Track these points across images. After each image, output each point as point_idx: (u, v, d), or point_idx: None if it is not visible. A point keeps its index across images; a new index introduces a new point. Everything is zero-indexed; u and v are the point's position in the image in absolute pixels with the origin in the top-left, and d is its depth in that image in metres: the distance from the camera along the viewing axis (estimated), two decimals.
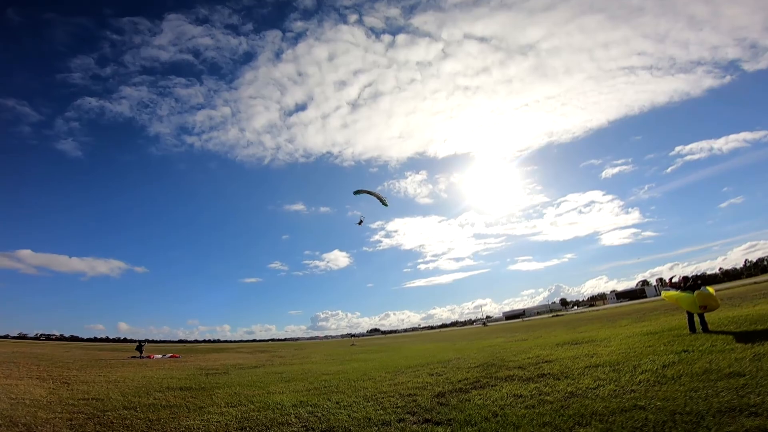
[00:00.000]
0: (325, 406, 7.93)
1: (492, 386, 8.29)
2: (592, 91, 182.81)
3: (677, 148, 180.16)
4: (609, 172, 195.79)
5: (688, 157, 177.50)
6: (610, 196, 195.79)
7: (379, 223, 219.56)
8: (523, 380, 8.50)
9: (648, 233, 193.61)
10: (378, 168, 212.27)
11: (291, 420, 6.81)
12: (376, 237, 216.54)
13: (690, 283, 12.27)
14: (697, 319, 11.80)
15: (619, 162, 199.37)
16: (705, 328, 11.43)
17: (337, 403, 8.19)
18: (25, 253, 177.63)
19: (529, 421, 5.33)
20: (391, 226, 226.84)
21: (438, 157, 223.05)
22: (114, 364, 21.53)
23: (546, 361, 10.83)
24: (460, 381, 9.52)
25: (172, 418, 7.24)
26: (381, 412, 6.99)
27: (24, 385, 10.98)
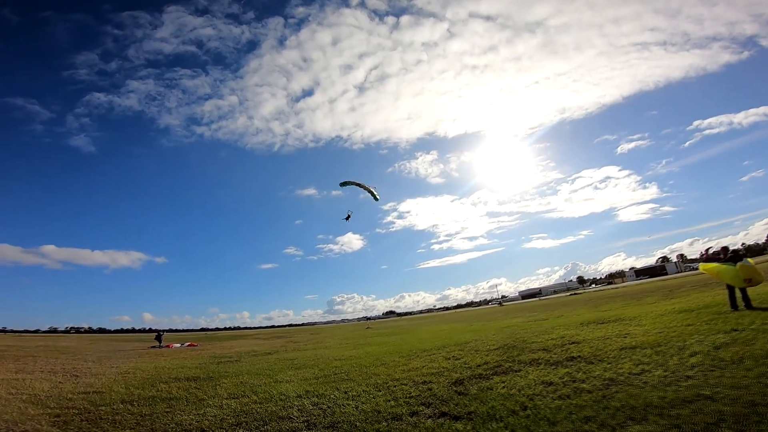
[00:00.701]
0: (331, 396, 7.22)
1: (516, 372, 7.46)
2: (604, 67, 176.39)
3: (695, 123, 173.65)
4: (625, 147, 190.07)
5: (707, 131, 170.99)
6: (626, 172, 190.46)
7: (391, 204, 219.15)
8: (551, 364, 7.64)
9: (666, 208, 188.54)
10: (388, 150, 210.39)
11: (293, 414, 6.10)
12: (389, 218, 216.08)
13: (731, 255, 11.14)
14: (738, 294, 10.67)
15: (635, 137, 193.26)
16: (748, 305, 10.31)
17: (345, 392, 7.48)
18: (50, 248, 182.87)
19: (566, 415, 4.48)
20: (403, 206, 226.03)
21: (448, 137, 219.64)
22: (132, 354, 21.47)
23: (573, 343, 9.93)
24: (479, 366, 8.72)
25: (167, 412, 6.63)
26: (392, 403, 6.23)
27: (32, 379, 10.63)
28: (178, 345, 30.61)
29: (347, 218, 23.00)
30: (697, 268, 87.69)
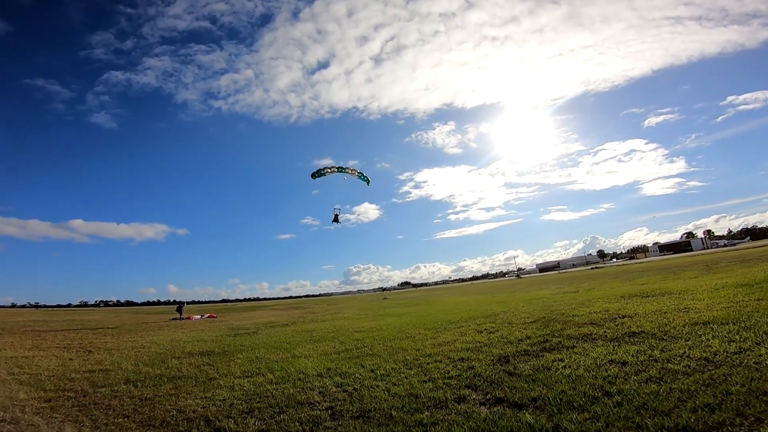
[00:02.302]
0: (356, 375, 6.34)
1: (569, 348, 6.42)
2: (633, 40, 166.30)
3: (729, 98, 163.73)
4: (652, 120, 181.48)
5: (742, 107, 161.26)
6: (653, 145, 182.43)
7: (407, 174, 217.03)
8: (610, 340, 6.57)
9: (694, 183, 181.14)
10: (404, 120, 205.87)
11: (314, 397, 5.23)
12: (405, 188, 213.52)
13: None
14: None
15: (664, 110, 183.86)
16: None
17: (372, 370, 6.60)
18: (77, 222, 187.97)
19: (676, 403, 3.42)
20: (420, 176, 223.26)
21: (466, 108, 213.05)
22: (152, 327, 21.32)
23: (624, 316, 8.82)
24: (520, 341, 7.73)
25: (171, 395, 5.85)
26: (429, 385, 5.29)
27: (42, 356, 10.17)
28: (198, 317, 30.77)
29: (335, 219, 18.89)
30: (724, 245, 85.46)
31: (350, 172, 17.96)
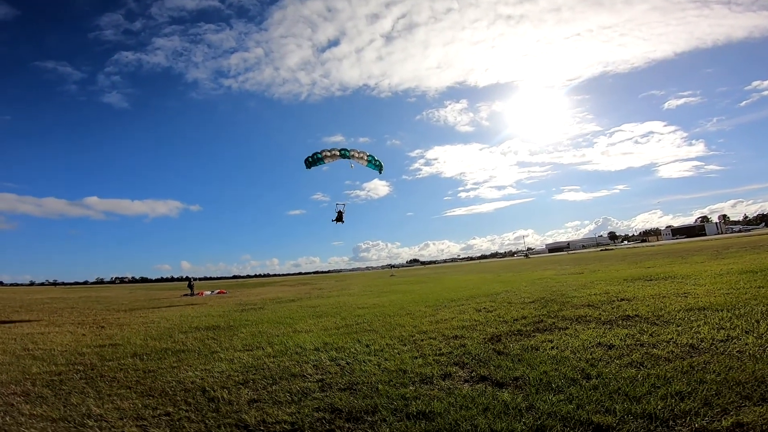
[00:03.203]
0: (352, 350, 6.55)
1: (562, 329, 6.51)
2: (657, 22, 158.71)
3: (754, 83, 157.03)
4: (673, 103, 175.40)
5: (767, 92, 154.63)
6: (672, 128, 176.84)
7: (418, 151, 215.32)
8: (603, 323, 6.64)
9: (712, 167, 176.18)
10: (416, 98, 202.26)
11: (307, 370, 5.44)
12: (416, 165, 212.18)
13: None
14: None
15: (686, 93, 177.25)
16: None
17: (367, 346, 6.79)
18: (93, 200, 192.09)
19: (649, 388, 3.50)
20: (430, 154, 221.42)
21: (479, 86, 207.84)
22: (164, 303, 22.01)
23: (623, 299, 8.85)
24: (516, 320, 7.84)
25: (174, 367, 6.12)
26: (419, 361, 5.45)
27: (57, 332, 10.61)
28: (209, 292, 31.69)
29: (338, 219, 16.01)
30: (739, 231, 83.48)
31: (357, 156, 14.36)
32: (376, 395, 4.20)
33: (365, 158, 14.80)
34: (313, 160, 14.34)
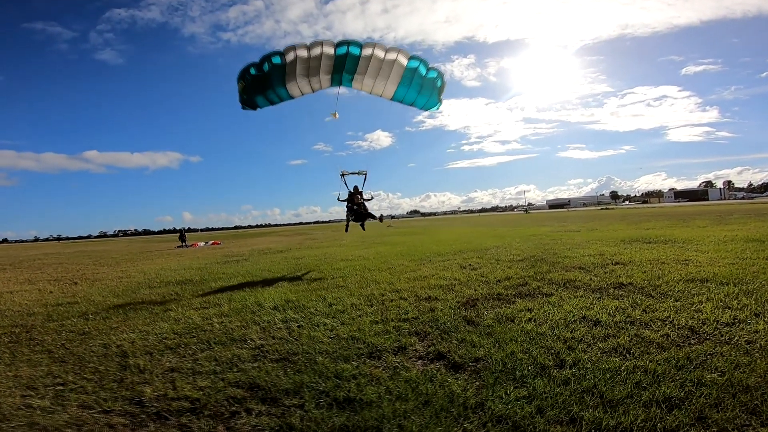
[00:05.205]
0: (312, 310, 5.95)
1: (546, 296, 5.83)
2: None
3: None
4: (691, 69, 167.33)
5: None
6: (686, 93, 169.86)
7: None
8: (592, 290, 5.94)
9: (723, 133, 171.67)
10: (422, 52, 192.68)
11: (250, 334, 4.82)
12: (419, 117, 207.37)
13: None
14: None
15: (706, 61, 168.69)
16: None
17: (330, 305, 6.19)
18: (92, 153, 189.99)
19: (631, 390, 2.73)
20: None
21: (488, 42, 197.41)
22: (154, 255, 21.59)
23: (618, 263, 8.14)
24: (499, 281, 7.18)
25: (113, 329, 5.49)
26: (379, 327, 4.81)
27: (28, 290, 10.07)
28: (202, 244, 31.41)
29: (351, 199, 10.80)
30: (742, 197, 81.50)
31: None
32: (309, 371, 3.56)
33: (398, 79, 8.15)
34: (255, 84, 8.13)
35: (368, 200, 11.04)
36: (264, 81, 8.02)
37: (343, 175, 10.49)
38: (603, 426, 2.32)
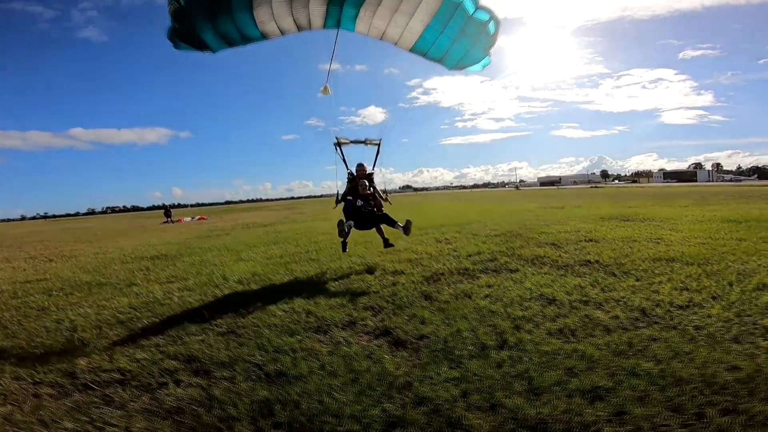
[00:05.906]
0: (275, 283, 5.90)
1: (511, 271, 5.78)
2: None
3: None
4: (689, 53, 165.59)
5: None
6: (683, 77, 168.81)
7: (416, 80, 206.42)
8: (558, 268, 5.89)
9: (716, 117, 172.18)
10: None
11: (204, 309, 4.71)
12: (414, 94, 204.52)
13: None
14: None
15: (705, 46, 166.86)
16: None
17: (296, 279, 6.13)
18: (77, 131, 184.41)
19: (560, 377, 2.64)
20: (429, 83, 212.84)
21: None
22: (136, 232, 21.30)
23: (590, 240, 8.11)
24: (469, 256, 7.13)
25: (73, 304, 5.37)
26: (334, 301, 4.72)
27: (2, 268, 9.89)
28: (189, 219, 31.06)
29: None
30: (730, 180, 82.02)
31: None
32: (251, 344, 3.48)
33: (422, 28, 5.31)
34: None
35: (384, 198, 7.43)
36: (216, 2, 4.51)
37: (339, 144, 6.99)
38: (520, 415, 2.21)
